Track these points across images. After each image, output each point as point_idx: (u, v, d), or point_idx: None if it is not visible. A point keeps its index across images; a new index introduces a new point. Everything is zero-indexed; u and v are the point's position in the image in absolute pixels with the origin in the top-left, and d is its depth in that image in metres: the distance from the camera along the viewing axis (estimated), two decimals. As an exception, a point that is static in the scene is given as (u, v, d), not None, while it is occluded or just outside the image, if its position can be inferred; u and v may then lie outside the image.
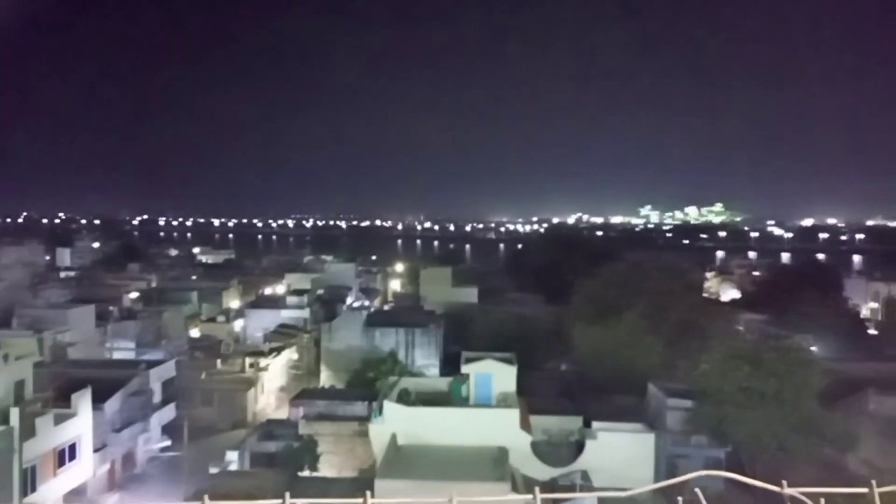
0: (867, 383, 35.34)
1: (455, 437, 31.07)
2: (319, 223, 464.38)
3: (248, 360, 51.77)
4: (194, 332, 63.95)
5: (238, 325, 65.23)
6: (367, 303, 78.12)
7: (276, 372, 54.16)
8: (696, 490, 4.23)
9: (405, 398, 34.34)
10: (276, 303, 70.16)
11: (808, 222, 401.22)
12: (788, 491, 3.81)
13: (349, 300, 75.93)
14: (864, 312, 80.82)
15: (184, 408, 42.69)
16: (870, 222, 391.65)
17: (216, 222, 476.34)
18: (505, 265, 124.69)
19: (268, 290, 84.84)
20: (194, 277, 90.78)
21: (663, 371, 40.33)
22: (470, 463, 28.77)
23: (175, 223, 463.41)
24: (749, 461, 34.62)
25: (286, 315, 64.96)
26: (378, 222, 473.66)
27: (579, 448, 32.67)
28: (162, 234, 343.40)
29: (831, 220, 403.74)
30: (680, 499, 4.52)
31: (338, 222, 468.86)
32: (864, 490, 3.96)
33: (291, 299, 68.99)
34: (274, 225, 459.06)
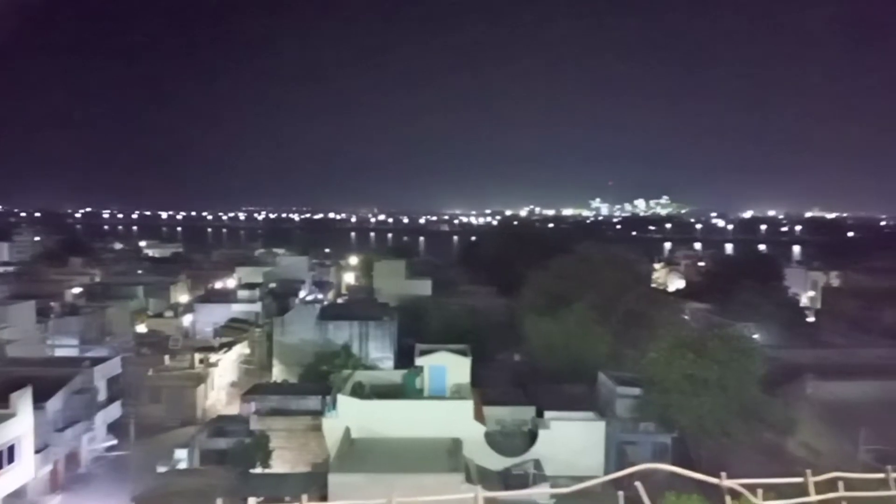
0: (805, 369, 36.79)
1: (409, 429, 31.14)
2: (271, 216, 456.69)
3: (197, 356, 50.69)
4: (141, 328, 62.31)
5: (187, 320, 63.80)
6: (320, 296, 77.43)
7: (226, 367, 53.22)
8: (637, 484, 4.31)
9: (359, 392, 34.22)
10: (226, 297, 68.83)
11: (748, 214, 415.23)
12: (727, 483, 3.89)
13: (302, 294, 75.07)
14: (804, 301, 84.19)
15: (130, 405, 41.66)
16: (808, 214, 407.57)
17: (164, 215, 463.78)
18: (458, 258, 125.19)
19: (218, 285, 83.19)
20: (141, 272, 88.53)
21: (613, 360, 41.26)
22: (424, 455, 28.89)
23: (120, 216, 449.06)
24: (694, 446, 35.80)
25: (237, 309, 63.84)
26: (332, 215, 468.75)
27: (532, 437, 33.17)
28: (106, 227, 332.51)
29: (771, 212, 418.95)
30: (621, 494, 4.61)
31: (290, 215, 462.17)
32: (800, 480, 4.07)
33: (242, 293, 67.80)
34: (224, 218, 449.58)
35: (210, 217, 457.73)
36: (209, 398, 49.67)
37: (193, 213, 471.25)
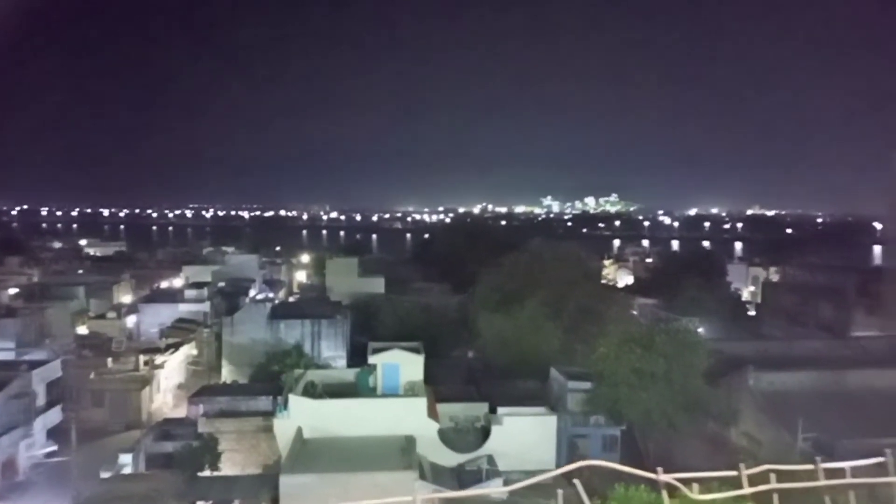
0: (747, 361, 38.08)
1: (363, 428, 31.01)
2: (220, 213, 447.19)
3: (142, 358, 49.25)
4: (82, 330, 60.15)
5: (131, 320, 61.93)
6: (271, 295, 76.22)
7: (173, 369, 51.91)
8: (575, 481, 4.39)
9: (311, 391, 33.88)
10: (173, 297, 67.04)
11: (693, 212, 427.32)
12: (663, 477, 3.95)
13: (252, 292, 73.76)
14: (745, 295, 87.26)
15: (71, 410, 40.30)
16: (749, 212, 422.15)
17: (105, 213, 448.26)
18: (412, 255, 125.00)
19: (164, 284, 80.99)
20: (81, 271, 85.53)
21: (564, 356, 41.86)
22: (377, 453, 28.80)
23: (59, 214, 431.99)
24: (642, 438, 36.70)
25: (184, 309, 62.26)
26: (283, 212, 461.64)
27: (485, 433, 33.44)
28: (44, 225, 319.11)
29: (715, 210, 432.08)
30: (560, 492, 4.68)
31: (240, 212, 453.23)
32: (734, 473, 4.20)
33: (190, 293, 66.15)
34: (170, 215, 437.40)
35: (155, 215, 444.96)
36: (155, 401, 48.39)
37: (137, 211, 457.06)
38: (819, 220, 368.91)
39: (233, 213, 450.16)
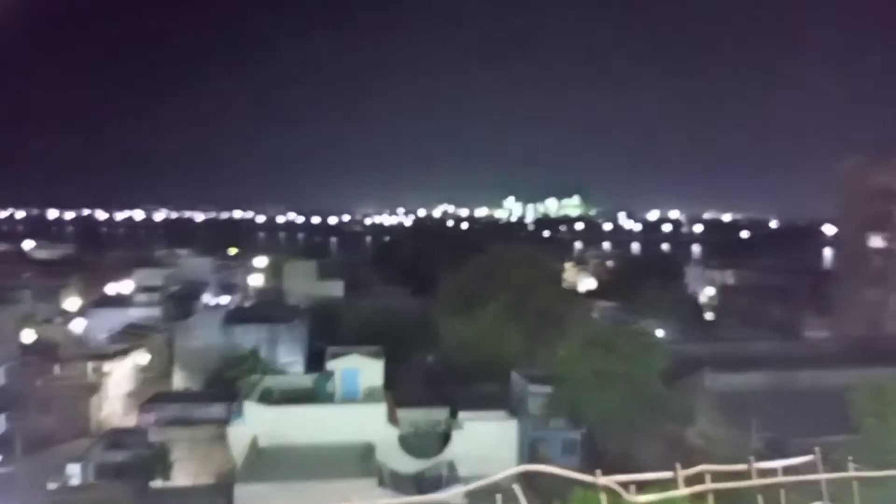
0: (703, 362, 38.76)
1: (321, 434, 30.41)
2: (173, 215, 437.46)
3: (90, 365, 47.62)
4: (28, 335, 57.79)
5: (79, 326, 59.89)
6: (226, 299, 74.73)
7: (123, 376, 50.28)
8: (514, 486, 4.32)
9: (268, 397, 33.12)
10: (123, 301, 65.18)
11: (653, 215, 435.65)
12: (602, 480, 4.00)
13: (207, 296, 72.19)
14: (702, 298, 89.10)
15: (16, 419, 38.75)
16: (706, 215, 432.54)
17: (52, 214, 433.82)
18: (372, 258, 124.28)
19: (114, 288, 78.58)
20: (27, 275, 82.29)
21: (525, 359, 41.93)
22: (336, 461, 28.26)
23: (2, 215, 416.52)
24: (602, 440, 36.92)
25: (135, 314, 60.50)
26: (238, 214, 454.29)
27: (446, 439, 33.13)
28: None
29: (674, 213, 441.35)
30: (499, 496, 4.60)
31: (194, 214, 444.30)
32: (670, 474, 4.24)
33: (141, 297, 64.36)
34: (120, 217, 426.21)
35: (104, 216, 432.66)
36: (104, 409, 46.81)
37: (86, 212, 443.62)
38: (772, 224, 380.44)
39: (186, 214, 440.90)
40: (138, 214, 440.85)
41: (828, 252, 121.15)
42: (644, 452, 34.62)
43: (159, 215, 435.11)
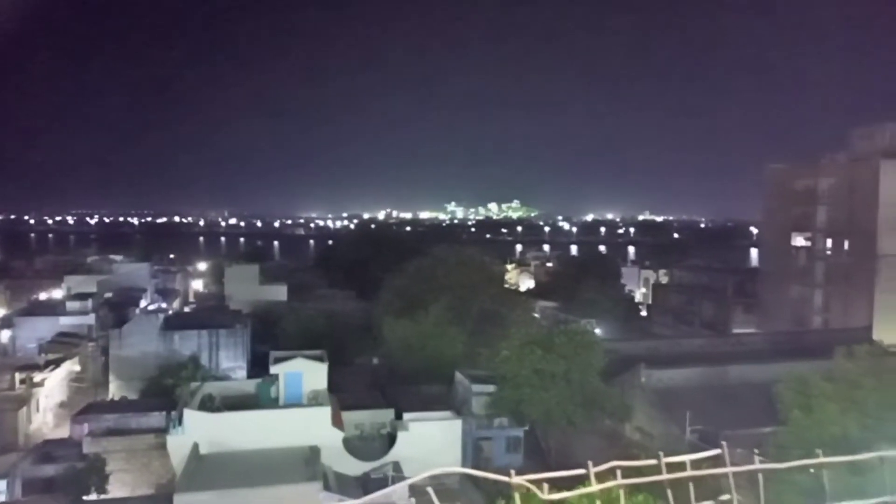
0: (639, 359, 40.13)
1: (265, 440, 30.05)
2: (106, 220, 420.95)
3: (18, 376, 45.46)
4: (-52, 347, 54.82)
5: (5, 335, 57.12)
6: (164, 305, 72.60)
7: (54, 387, 48.24)
8: (428, 488, 4.49)
9: (208, 404, 32.51)
10: (53, 309, 62.38)
11: (590, 217, 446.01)
12: (515, 480, 4.11)
13: (143, 303, 69.96)
14: (637, 297, 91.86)
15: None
16: (640, 217, 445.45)
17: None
18: (315, 261, 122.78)
19: (43, 295, 75.28)
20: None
21: (469, 359, 42.41)
22: (280, 466, 28.01)
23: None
24: (544, 437, 37.78)
25: (67, 322, 58.04)
26: (177, 218, 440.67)
27: (391, 440, 33.26)
28: None
29: (609, 215, 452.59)
30: (413, 500, 4.77)
31: (129, 218, 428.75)
32: (582, 471, 4.42)
33: (72, 304, 61.77)
34: (50, 222, 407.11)
35: (33, 221, 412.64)
36: (34, 422, 44.80)
37: (13, 217, 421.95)
38: (703, 225, 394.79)
39: (121, 218, 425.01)
40: (70, 219, 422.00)
41: (755, 252, 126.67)
42: (584, 448, 35.62)
43: (92, 220, 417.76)
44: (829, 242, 63.37)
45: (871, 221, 58.15)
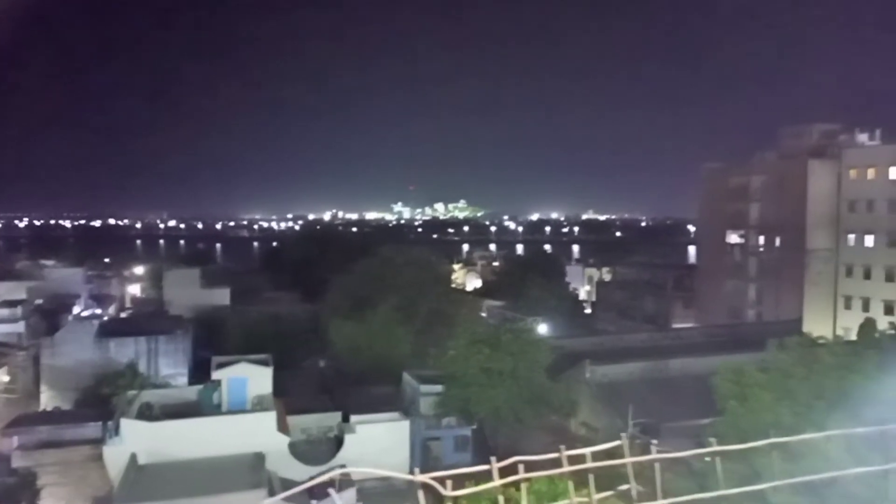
0: (584, 356, 40.96)
1: (208, 448, 29.25)
2: (37, 223, 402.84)
3: (-60, 389, 43.04)
4: None
5: (-75, 347, 53.84)
6: (99, 311, 70.03)
7: (-20, 399, 45.86)
8: (330, 490, 4.45)
9: (147, 413, 31.49)
10: (-22, 317, 59.22)
11: (535, 216, 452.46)
12: (419, 478, 4.13)
13: (77, 309, 67.27)
14: (582, 294, 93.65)
15: None
16: (584, 216, 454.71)
17: None
18: (260, 264, 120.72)
19: (-33, 303, 71.33)
20: None
21: (417, 359, 42.39)
22: (223, 473, 27.34)
23: None
24: (492, 435, 38.06)
25: (-7, 331, 55.24)
26: (112, 221, 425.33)
27: (339, 443, 32.90)
28: None
29: (554, 215, 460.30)
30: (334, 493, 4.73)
31: (61, 221, 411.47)
32: (487, 467, 4.43)
33: (1, 312, 58.86)
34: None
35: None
36: (-42, 437, 42.42)
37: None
38: (643, 223, 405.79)
39: (53, 221, 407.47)
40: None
41: (692, 248, 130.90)
42: (531, 444, 36.04)
43: (21, 223, 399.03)
44: (761, 239, 66.06)
45: (801, 218, 60.93)
